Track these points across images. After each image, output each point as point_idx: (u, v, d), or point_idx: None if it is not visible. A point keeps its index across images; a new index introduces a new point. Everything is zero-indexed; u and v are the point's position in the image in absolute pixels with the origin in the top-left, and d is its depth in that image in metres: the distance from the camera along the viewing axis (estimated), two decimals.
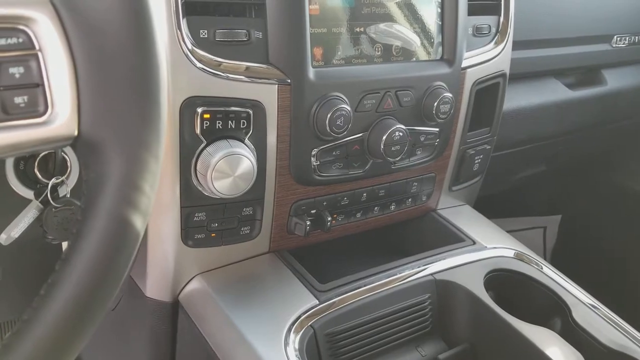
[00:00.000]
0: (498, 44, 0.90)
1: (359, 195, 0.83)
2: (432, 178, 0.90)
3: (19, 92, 0.35)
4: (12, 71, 0.35)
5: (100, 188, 0.37)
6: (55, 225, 0.60)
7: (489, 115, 0.95)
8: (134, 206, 0.37)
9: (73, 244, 0.37)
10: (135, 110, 0.37)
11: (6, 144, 0.35)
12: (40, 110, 0.36)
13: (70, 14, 0.35)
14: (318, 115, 0.71)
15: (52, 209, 0.60)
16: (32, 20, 0.35)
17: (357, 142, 0.77)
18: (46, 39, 0.35)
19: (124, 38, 0.36)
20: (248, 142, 0.69)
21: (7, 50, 0.35)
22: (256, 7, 0.67)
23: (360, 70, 0.75)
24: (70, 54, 0.36)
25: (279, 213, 0.77)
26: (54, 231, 0.60)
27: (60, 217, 0.60)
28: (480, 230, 0.93)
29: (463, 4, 0.81)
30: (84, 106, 0.36)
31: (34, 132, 0.35)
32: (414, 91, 0.79)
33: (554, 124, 1.18)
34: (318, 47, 0.72)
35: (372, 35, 0.76)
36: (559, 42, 1.15)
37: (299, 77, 0.69)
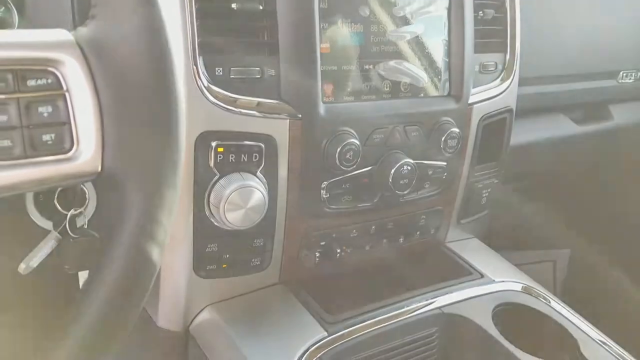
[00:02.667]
0: (504, 80, 0.92)
1: (368, 227, 0.84)
2: (440, 211, 0.92)
3: (47, 130, 0.37)
4: (41, 110, 0.37)
5: (121, 220, 0.39)
6: (73, 255, 0.62)
7: (497, 150, 0.96)
8: (152, 238, 0.39)
9: (93, 275, 0.38)
10: (155, 147, 0.39)
11: (34, 178, 0.37)
12: (66, 147, 0.38)
13: (97, 57, 0.38)
14: (328, 149, 0.73)
15: (70, 240, 0.62)
16: (60, 63, 0.38)
17: (366, 176, 0.78)
18: (73, 80, 0.38)
19: (146, 80, 0.38)
20: (260, 174, 0.71)
21: (37, 90, 0.37)
22: (269, 45, 0.69)
23: (369, 106, 0.77)
24: (96, 94, 0.38)
25: (289, 245, 0.78)
26: (71, 261, 0.62)
27: (78, 247, 0.62)
28: (489, 263, 0.93)
29: (470, 42, 0.84)
30: (107, 143, 0.38)
31: (60, 168, 0.37)
32: (422, 126, 0.81)
33: (561, 159, 1.20)
34: (328, 84, 0.74)
35: (381, 72, 0.78)
36: (566, 78, 1.17)
37: (310, 113, 0.72)
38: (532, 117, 1.14)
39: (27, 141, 0.37)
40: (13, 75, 0.37)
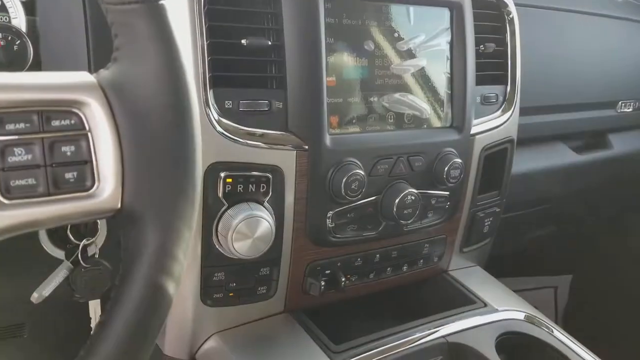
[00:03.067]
0: (505, 111, 0.94)
1: (372, 256, 0.85)
2: (443, 240, 0.93)
3: (69, 169, 0.39)
4: (64, 149, 0.38)
5: (138, 256, 0.40)
6: (84, 284, 0.63)
7: (498, 179, 0.98)
8: (168, 273, 0.40)
9: (111, 308, 0.40)
10: (173, 185, 0.40)
11: (56, 215, 0.38)
12: (88, 185, 0.39)
13: (118, 99, 0.40)
14: (334, 180, 0.75)
15: (82, 269, 0.63)
16: (84, 104, 0.39)
17: (370, 205, 0.80)
18: (96, 120, 0.39)
19: (166, 122, 0.40)
20: (267, 204, 0.73)
21: (61, 130, 0.39)
22: (277, 79, 0.72)
23: (373, 137, 0.79)
24: (117, 134, 0.39)
25: (295, 273, 0.79)
26: (82, 290, 0.63)
27: (89, 277, 0.63)
28: (491, 292, 0.94)
29: (471, 74, 0.86)
30: (127, 181, 0.39)
31: (81, 205, 0.39)
32: (425, 157, 0.82)
33: (562, 187, 1.21)
34: (334, 116, 0.76)
35: (385, 104, 0.80)
36: (566, 108, 1.19)
37: (316, 144, 0.73)
38: (532, 146, 1.16)
39: (51, 179, 0.38)
40: (38, 116, 0.38)
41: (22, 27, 0.74)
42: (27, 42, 0.74)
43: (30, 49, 0.74)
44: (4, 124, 0.37)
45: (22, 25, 0.75)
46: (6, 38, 0.74)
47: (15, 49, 0.74)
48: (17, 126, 0.38)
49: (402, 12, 0.80)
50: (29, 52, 0.74)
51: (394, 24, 0.80)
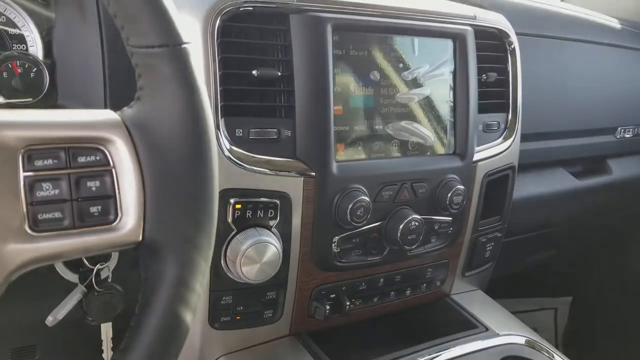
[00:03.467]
0: (506, 139, 0.97)
1: (377, 280, 0.87)
2: (445, 264, 0.95)
3: (94, 203, 0.40)
4: (89, 185, 0.40)
5: (157, 286, 0.42)
6: (97, 308, 0.65)
7: (500, 205, 1.00)
8: (185, 303, 0.42)
9: (131, 336, 0.41)
10: (192, 219, 0.42)
11: (81, 247, 0.40)
12: (111, 219, 0.41)
13: (141, 136, 0.42)
14: (340, 206, 0.77)
15: (95, 293, 0.65)
16: (109, 141, 0.41)
17: (375, 230, 0.82)
18: (120, 157, 0.41)
19: (186, 158, 0.42)
20: (275, 230, 0.74)
21: (87, 166, 0.41)
22: (286, 108, 0.74)
23: (378, 164, 0.81)
24: (140, 169, 0.41)
25: (301, 297, 0.81)
26: (95, 314, 0.65)
27: (102, 300, 0.65)
28: (493, 316, 0.96)
29: (474, 103, 0.88)
30: (148, 215, 0.41)
31: (104, 237, 0.41)
32: (429, 183, 0.84)
33: (562, 212, 1.23)
34: (340, 143, 0.78)
35: (390, 132, 0.82)
36: (566, 134, 1.21)
37: (323, 171, 0.75)
38: (533, 172, 1.18)
39: (76, 213, 0.40)
40: (65, 152, 0.40)
41: (39, 55, 0.77)
42: (44, 71, 0.76)
43: (46, 77, 0.76)
44: (32, 160, 0.39)
45: (39, 53, 0.77)
46: (23, 66, 0.76)
47: (31, 76, 0.76)
48: (46, 162, 0.40)
49: (407, 43, 0.83)
50: (45, 80, 0.76)
51: (399, 54, 0.82)
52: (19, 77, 0.76)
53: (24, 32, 0.77)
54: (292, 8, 0.73)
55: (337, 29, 0.75)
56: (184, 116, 0.42)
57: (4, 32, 0.76)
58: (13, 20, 0.76)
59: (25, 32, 0.77)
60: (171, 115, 0.42)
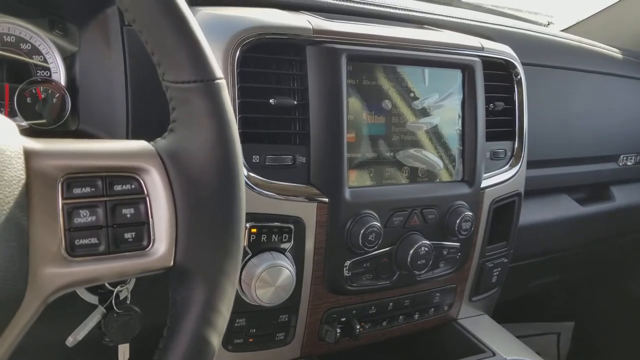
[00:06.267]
0: (513, 166, 0.99)
1: (386, 304, 0.88)
2: (453, 289, 0.96)
3: (128, 229, 0.42)
4: (124, 212, 0.42)
5: (186, 310, 0.43)
6: (115, 329, 0.66)
7: (506, 231, 1.01)
8: (213, 327, 0.44)
9: (160, 358, 0.43)
10: (221, 246, 0.44)
11: (116, 272, 0.42)
12: (144, 245, 0.43)
13: (174, 167, 0.44)
14: (352, 231, 0.78)
15: (114, 314, 0.66)
16: (144, 171, 0.43)
17: (385, 255, 0.83)
18: (154, 185, 0.43)
19: (217, 188, 0.44)
20: (288, 254, 0.76)
21: (122, 194, 0.43)
22: (301, 136, 0.76)
23: (389, 190, 0.83)
24: (172, 198, 0.43)
25: (312, 320, 0.82)
26: (114, 335, 0.66)
27: (120, 322, 0.66)
28: (499, 341, 0.97)
29: (482, 131, 0.91)
30: (180, 241, 0.43)
31: (137, 263, 0.42)
32: (438, 209, 0.86)
33: (566, 238, 1.25)
34: (353, 170, 0.80)
35: (400, 159, 0.84)
36: (569, 162, 1.24)
37: (336, 197, 0.77)
38: (537, 198, 1.20)
39: (111, 239, 0.42)
40: (102, 181, 0.42)
41: (61, 81, 0.80)
42: (66, 96, 0.79)
43: (68, 103, 0.79)
44: (71, 188, 0.41)
45: (62, 80, 0.80)
46: (46, 91, 0.79)
47: (54, 102, 0.79)
48: (83, 190, 0.42)
49: (417, 73, 0.85)
50: (67, 106, 0.79)
51: (410, 84, 0.85)
52: (42, 102, 0.78)
53: (47, 58, 0.80)
54: (309, 39, 0.76)
55: (351, 59, 0.78)
56: (216, 149, 0.44)
57: (29, 59, 0.79)
58: (38, 48, 0.79)
59: (49, 59, 0.80)
60: (204, 148, 0.44)
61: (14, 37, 0.78)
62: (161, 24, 0.42)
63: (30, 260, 0.39)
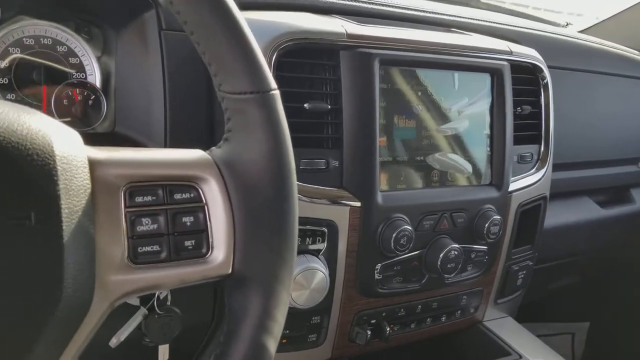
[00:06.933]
0: (539, 169, 0.99)
1: (415, 307, 0.89)
2: (479, 292, 0.97)
3: (188, 237, 0.43)
4: (184, 220, 0.43)
5: (243, 317, 0.44)
6: (157, 330, 0.67)
7: (532, 234, 1.02)
8: (270, 333, 0.45)
9: None
10: (277, 253, 0.45)
11: (176, 279, 0.43)
12: (203, 252, 0.44)
13: (231, 175, 0.44)
14: (384, 235, 0.79)
15: (155, 316, 0.67)
16: (202, 179, 0.44)
17: (415, 259, 0.84)
18: (212, 194, 0.44)
19: (272, 195, 0.44)
20: (321, 257, 0.77)
21: (182, 203, 0.43)
22: (334, 140, 0.77)
23: (420, 194, 0.83)
24: (230, 206, 0.44)
25: (343, 322, 0.83)
26: (155, 336, 0.67)
27: (162, 323, 0.67)
28: (525, 343, 0.98)
29: (510, 135, 0.91)
30: (237, 249, 0.44)
31: (197, 270, 0.43)
32: (467, 213, 0.87)
33: (587, 240, 1.25)
34: (384, 174, 0.81)
35: (430, 163, 0.85)
36: (591, 164, 1.24)
37: (369, 200, 0.78)
38: (559, 201, 1.20)
39: (172, 246, 0.43)
40: (163, 189, 0.43)
41: (97, 83, 0.81)
42: (102, 98, 0.80)
43: (104, 105, 0.80)
44: (133, 197, 0.42)
45: (97, 81, 0.81)
46: (82, 94, 0.80)
47: (89, 104, 0.80)
48: (145, 199, 0.42)
49: (448, 77, 0.86)
50: (103, 108, 0.80)
51: (440, 88, 0.85)
52: (79, 104, 0.79)
53: (83, 61, 0.81)
54: (342, 44, 0.76)
55: (384, 63, 0.78)
56: (271, 158, 0.44)
57: (65, 61, 0.79)
58: (74, 50, 0.80)
59: (85, 61, 0.81)
60: (259, 157, 0.44)
61: (51, 39, 0.78)
62: (219, 37, 0.43)
63: (96, 268, 0.40)
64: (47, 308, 0.36)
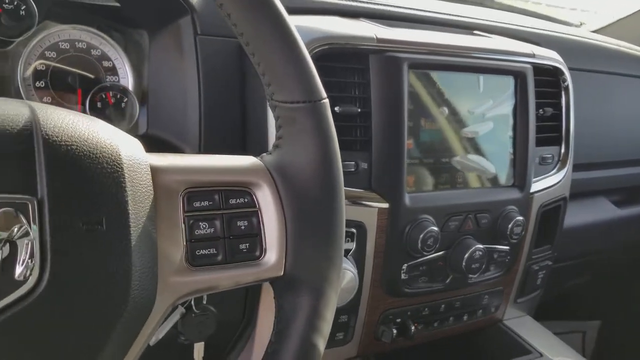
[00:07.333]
0: (559, 170, 1.01)
1: (438, 306, 0.90)
2: (500, 291, 0.98)
3: (243, 240, 0.45)
4: (239, 224, 0.45)
5: (293, 317, 0.46)
6: (193, 328, 0.69)
7: (552, 234, 1.03)
8: (320, 332, 0.46)
9: None
10: (326, 255, 0.46)
11: (232, 280, 0.44)
12: (257, 255, 0.45)
13: (283, 181, 0.46)
14: (410, 235, 0.81)
15: (192, 314, 0.69)
16: (256, 185, 0.46)
17: (440, 259, 0.86)
18: (264, 199, 0.46)
19: (321, 200, 0.46)
20: (350, 257, 0.79)
21: (237, 208, 0.45)
22: (363, 142, 0.78)
23: (445, 195, 0.85)
24: (282, 210, 0.46)
25: (370, 321, 0.85)
26: (191, 334, 0.69)
27: (197, 321, 0.69)
28: (544, 341, 0.99)
29: (532, 136, 0.92)
30: (289, 252, 0.45)
31: (251, 272, 0.45)
32: (490, 214, 0.88)
33: (603, 240, 1.26)
34: (411, 176, 0.82)
35: (455, 165, 0.86)
36: (607, 165, 1.25)
37: (396, 201, 0.79)
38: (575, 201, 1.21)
39: (228, 250, 0.44)
40: (219, 195, 0.45)
41: (129, 86, 0.82)
42: (134, 101, 0.81)
43: (136, 107, 0.81)
44: (191, 202, 0.44)
45: (130, 85, 0.82)
46: (115, 96, 0.81)
47: (122, 106, 0.81)
48: (202, 204, 0.44)
49: (473, 80, 0.87)
50: (136, 110, 0.81)
51: (465, 91, 0.86)
52: (112, 107, 0.81)
53: (116, 64, 0.82)
54: (372, 48, 0.78)
55: (412, 67, 0.80)
56: (322, 164, 0.46)
57: (99, 65, 0.81)
58: (107, 54, 0.81)
59: (118, 65, 0.82)
60: (310, 163, 0.46)
61: (85, 43, 0.80)
62: (275, 49, 0.44)
63: (158, 270, 0.41)
64: (117, 310, 0.38)
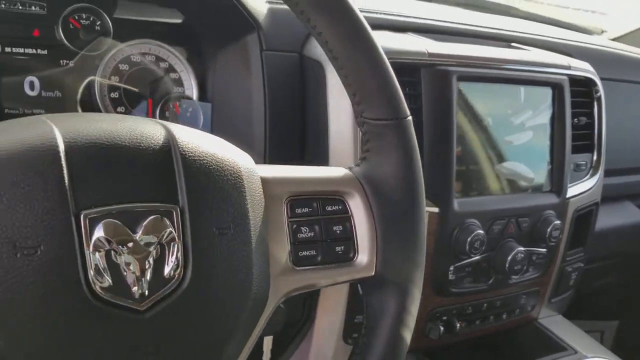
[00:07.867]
0: (592, 176, 1.06)
1: (481, 305, 0.95)
2: (537, 292, 1.03)
3: (338, 244, 0.50)
4: (335, 229, 0.50)
5: (383, 313, 0.51)
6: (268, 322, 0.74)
7: (584, 237, 1.08)
8: (406, 325, 0.51)
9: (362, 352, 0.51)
10: (412, 256, 0.52)
11: (330, 279, 0.50)
12: (351, 257, 0.51)
13: (372, 190, 0.51)
14: (459, 238, 0.86)
15: None
16: (348, 194, 0.51)
17: (484, 261, 0.91)
18: (356, 206, 0.51)
19: (406, 208, 0.51)
20: None
21: (333, 214, 0.50)
22: None
23: (490, 200, 0.90)
24: (372, 217, 0.51)
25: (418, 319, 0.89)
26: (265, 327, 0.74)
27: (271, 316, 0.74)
28: (577, 340, 1.04)
29: (569, 145, 0.97)
30: (379, 254, 0.51)
31: (346, 272, 0.50)
32: (530, 218, 0.93)
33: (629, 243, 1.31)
34: (458, 182, 0.87)
35: (498, 171, 0.91)
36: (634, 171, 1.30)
37: (446, 206, 0.84)
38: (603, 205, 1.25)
39: (326, 252, 0.50)
40: (317, 203, 0.50)
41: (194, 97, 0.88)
42: (200, 112, 0.87)
43: (201, 117, 0.87)
44: (294, 209, 0.49)
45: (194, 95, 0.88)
46: (182, 106, 0.87)
47: (188, 115, 0.87)
48: (303, 210, 0.49)
49: (515, 92, 0.92)
50: (200, 119, 0.87)
51: (508, 102, 0.91)
52: (179, 117, 0.86)
53: (182, 76, 0.88)
54: (424, 62, 0.83)
55: (460, 80, 0.85)
56: (406, 175, 0.51)
57: (167, 76, 0.87)
58: (174, 66, 0.87)
59: (184, 77, 0.88)
60: (396, 174, 0.51)
61: (154, 56, 0.86)
62: (367, 72, 0.49)
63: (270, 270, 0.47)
64: (243, 304, 0.43)
